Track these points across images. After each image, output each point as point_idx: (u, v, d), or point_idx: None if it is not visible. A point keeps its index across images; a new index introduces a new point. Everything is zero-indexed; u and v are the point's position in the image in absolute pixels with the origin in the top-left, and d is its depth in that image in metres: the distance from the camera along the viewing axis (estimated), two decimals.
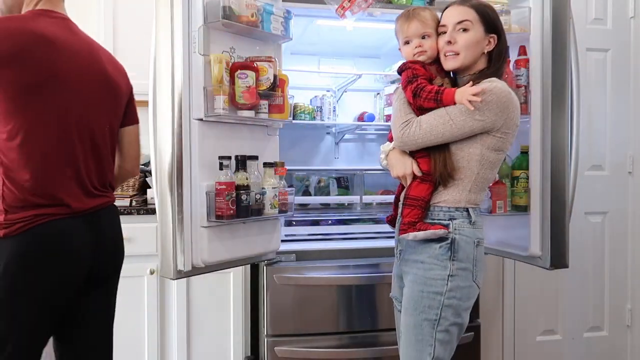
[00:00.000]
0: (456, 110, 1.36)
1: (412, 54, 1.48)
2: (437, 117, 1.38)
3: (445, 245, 1.40)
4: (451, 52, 1.43)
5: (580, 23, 2.62)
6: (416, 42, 1.47)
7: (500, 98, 1.35)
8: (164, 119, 1.57)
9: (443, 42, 1.45)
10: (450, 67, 1.45)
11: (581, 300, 2.75)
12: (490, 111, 1.34)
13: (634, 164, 2.78)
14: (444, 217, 1.42)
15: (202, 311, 2.28)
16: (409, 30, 1.47)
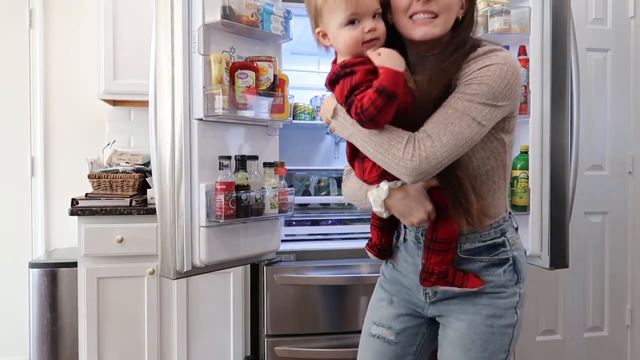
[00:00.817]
0: (471, 104, 1.00)
1: (360, 43, 1.04)
2: (453, 120, 0.99)
3: (509, 269, 1.12)
4: (428, 14, 1.03)
5: (580, 23, 2.62)
6: (369, 23, 1.03)
7: (518, 73, 1.04)
8: (164, 119, 1.57)
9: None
10: (426, 35, 1.04)
11: (581, 300, 2.75)
12: (512, 92, 1.03)
13: (634, 164, 2.78)
14: (495, 235, 1.12)
15: (202, 311, 2.28)
16: (358, 3, 1.02)
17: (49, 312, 2.38)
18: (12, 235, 2.75)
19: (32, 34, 2.76)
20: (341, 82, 1.03)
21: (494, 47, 1.08)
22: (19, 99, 2.76)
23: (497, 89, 1.01)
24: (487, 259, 1.12)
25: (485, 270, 1.12)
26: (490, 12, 1.78)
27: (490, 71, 1.01)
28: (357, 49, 1.05)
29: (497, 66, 1.02)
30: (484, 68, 1.02)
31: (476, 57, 1.04)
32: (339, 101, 1.06)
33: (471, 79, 1.01)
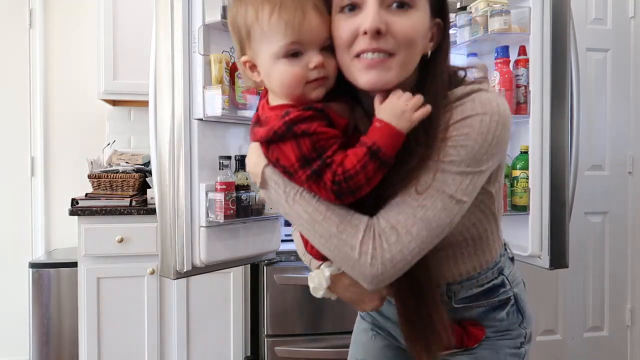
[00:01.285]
0: (446, 176, 0.77)
1: (302, 82, 0.79)
2: (424, 201, 0.77)
3: (511, 309, 0.98)
4: (379, 53, 0.77)
5: (580, 23, 2.62)
6: (315, 57, 0.79)
7: (504, 122, 0.80)
8: (164, 119, 1.57)
9: (361, 28, 0.76)
10: (375, 84, 0.78)
11: (581, 300, 2.75)
12: (499, 148, 0.80)
13: (634, 164, 2.78)
14: (493, 276, 0.96)
15: (202, 311, 2.28)
16: (303, 29, 0.77)
17: (49, 312, 2.38)
18: (12, 235, 2.75)
19: (32, 34, 2.76)
20: (290, 143, 0.77)
21: (472, 88, 0.81)
22: (19, 99, 2.76)
23: (479, 150, 0.77)
24: (486, 302, 0.96)
25: (485, 315, 0.96)
26: (490, 12, 1.78)
27: (468, 126, 0.77)
28: (297, 89, 0.80)
29: (477, 118, 0.77)
30: (460, 122, 0.77)
31: (451, 104, 0.80)
32: (283, 164, 0.79)
33: (444, 138, 0.77)
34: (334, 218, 0.79)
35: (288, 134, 0.77)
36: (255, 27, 0.80)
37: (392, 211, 0.78)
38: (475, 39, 1.84)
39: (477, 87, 0.82)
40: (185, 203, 1.57)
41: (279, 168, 0.82)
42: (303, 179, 0.78)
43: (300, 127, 0.76)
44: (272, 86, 0.84)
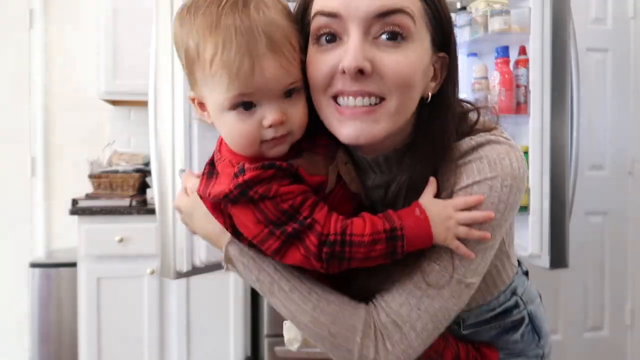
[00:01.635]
0: (447, 254, 0.67)
1: (256, 142, 0.65)
2: (429, 290, 0.67)
3: (526, 330, 0.89)
4: (362, 98, 0.63)
5: (580, 23, 2.62)
6: (272, 111, 0.63)
7: (519, 183, 0.68)
8: (164, 119, 1.57)
9: (339, 66, 0.63)
10: (358, 138, 0.65)
11: (581, 300, 2.75)
12: (513, 210, 0.69)
13: (634, 164, 2.78)
14: (505, 299, 0.88)
15: (202, 311, 2.28)
16: (251, 80, 0.61)
17: (49, 312, 2.38)
18: (12, 235, 2.75)
19: (32, 34, 2.76)
20: (246, 209, 0.64)
21: (479, 141, 0.69)
22: (19, 99, 2.76)
23: (488, 222, 0.67)
24: (499, 324, 0.88)
25: (497, 338, 0.88)
26: (490, 12, 1.78)
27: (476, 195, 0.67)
28: (249, 149, 0.66)
29: (486, 185, 0.66)
30: (466, 190, 0.67)
31: (456, 161, 0.68)
32: (244, 234, 0.67)
33: None
34: (324, 319, 0.67)
35: (242, 199, 0.63)
36: (197, 64, 0.63)
37: (394, 301, 0.67)
38: (475, 39, 1.85)
39: (485, 138, 0.69)
40: None
41: (242, 237, 0.69)
42: (274, 248, 0.64)
43: (257, 190, 0.62)
44: (224, 136, 0.69)
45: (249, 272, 0.71)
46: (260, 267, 0.70)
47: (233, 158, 0.68)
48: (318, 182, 0.67)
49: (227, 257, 0.73)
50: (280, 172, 0.64)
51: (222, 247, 0.73)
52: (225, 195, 0.64)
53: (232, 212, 0.67)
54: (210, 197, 0.67)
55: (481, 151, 0.68)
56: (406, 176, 0.69)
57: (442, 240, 0.65)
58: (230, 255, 0.72)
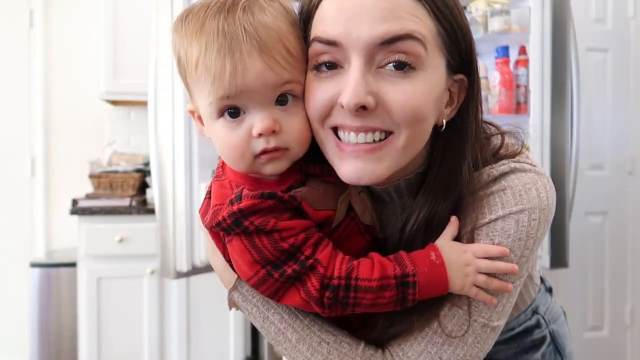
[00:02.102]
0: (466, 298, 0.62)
1: (248, 156, 0.59)
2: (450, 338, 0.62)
3: (548, 350, 0.83)
4: (364, 134, 0.58)
5: (580, 23, 2.62)
6: (262, 118, 0.58)
7: (548, 216, 0.63)
8: (164, 119, 1.57)
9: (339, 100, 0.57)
10: (360, 179, 0.59)
11: (581, 300, 2.75)
12: (538, 245, 0.63)
13: (634, 164, 2.78)
14: (526, 318, 0.82)
15: (202, 311, 2.28)
16: (237, 80, 0.56)
17: (48, 312, 2.38)
18: (12, 235, 2.75)
19: (32, 34, 2.76)
20: (240, 242, 0.58)
21: (503, 169, 0.63)
22: (19, 99, 2.76)
23: (518, 261, 0.61)
24: (517, 344, 0.82)
25: (516, 357, 0.82)
26: (490, 12, 1.78)
27: (501, 233, 0.61)
28: (241, 164, 0.59)
29: (512, 220, 0.60)
30: (489, 226, 0.61)
31: (478, 194, 0.62)
32: (245, 272, 0.60)
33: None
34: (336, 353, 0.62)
35: (236, 230, 0.57)
36: (187, 70, 0.59)
37: (411, 349, 0.62)
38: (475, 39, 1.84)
39: (509, 166, 0.62)
40: (185, 203, 1.57)
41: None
42: (272, 291, 0.59)
43: (252, 221, 0.56)
44: (219, 154, 0.63)
45: (253, 319, 0.66)
46: (265, 316, 0.65)
47: (234, 179, 0.62)
48: (323, 218, 0.61)
49: (231, 302, 0.68)
50: (281, 204, 0.57)
51: (226, 289, 0.68)
52: (217, 223, 0.58)
53: (227, 245, 0.61)
54: (205, 222, 0.62)
55: (504, 181, 0.61)
56: (424, 213, 0.62)
57: (458, 289, 0.59)
58: (234, 301, 0.68)
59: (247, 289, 0.66)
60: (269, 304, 0.65)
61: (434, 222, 0.62)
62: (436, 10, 0.57)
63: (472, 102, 0.63)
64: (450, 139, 0.62)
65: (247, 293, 0.66)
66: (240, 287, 0.66)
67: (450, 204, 0.62)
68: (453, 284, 0.59)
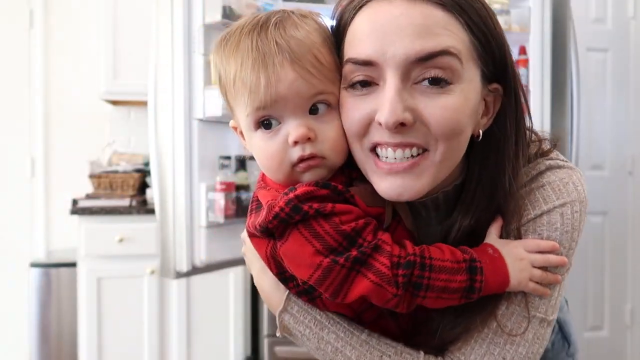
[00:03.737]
0: (533, 296, 0.63)
1: (286, 165, 0.60)
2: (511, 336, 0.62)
3: (556, 338, 0.85)
4: (403, 150, 0.58)
5: (580, 23, 2.62)
6: (297, 126, 0.59)
7: (586, 205, 0.65)
8: (164, 119, 1.57)
9: (376, 118, 0.57)
10: (401, 196, 0.59)
11: (581, 300, 2.75)
12: (580, 236, 0.65)
13: (634, 164, 2.78)
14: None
15: (202, 311, 2.28)
16: (270, 90, 0.57)
17: (48, 312, 2.38)
18: (12, 235, 2.75)
19: (32, 34, 2.76)
20: (299, 233, 0.57)
21: (540, 168, 0.65)
22: (19, 99, 2.76)
23: (565, 252, 0.63)
24: None
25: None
26: None
27: (548, 226, 0.62)
28: (279, 174, 0.61)
29: (557, 214, 0.62)
30: (535, 222, 0.63)
31: (518, 193, 0.64)
32: (307, 267, 0.57)
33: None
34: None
35: (295, 218, 0.56)
36: (227, 88, 0.62)
37: (473, 354, 0.62)
38: None
39: (545, 164, 0.65)
40: (185, 203, 1.57)
41: (291, 285, 0.63)
42: (337, 283, 0.56)
43: (312, 205, 0.56)
44: (259, 166, 0.65)
45: (307, 340, 0.65)
46: (319, 336, 0.64)
47: (280, 187, 0.61)
48: (376, 214, 0.60)
49: (282, 326, 0.66)
50: (336, 194, 0.58)
51: (276, 313, 0.66)
52: (275, 215, 0.57)
53: (282, 253, 0.59)
54: (258, 228, 0.60)
55: (541, 179, 0.64)
56: (467, 222, 0.62)
57: (516, 283, 0.59)
58: (285, 324, 0.66)
59: (297, 309, 0.65)
60: (322, 324, 0.64)
61: (477, 230, 0.63)
62: (470, 22, 0.57)
63: (509, 110, 0.62)
64: (487, 149, 0.62)
65: (298, 314, 0.65)
66: (290, 308, 0.65)
67: (492, 209, 0.63)
68: (512, 278, 0.59)
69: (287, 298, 0.65)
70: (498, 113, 0.63)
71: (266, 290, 0.68)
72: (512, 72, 0.62)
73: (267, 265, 0.64)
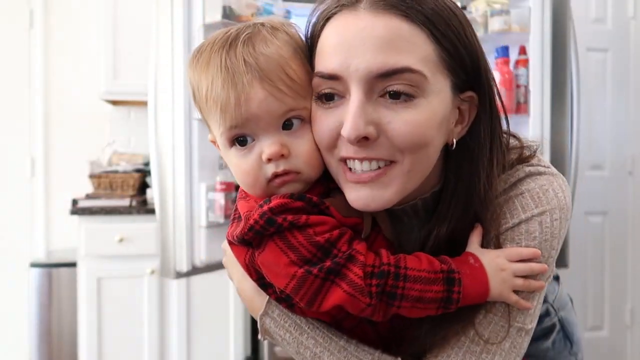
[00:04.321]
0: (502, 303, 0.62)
1: (261, 181, 0.61)
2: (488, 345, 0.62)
3: (557, 337, 0.86)
4: (371, 163, 0.58)
5: (580, 23, 2.62)
6: (270, 143, 0.59)
7: (568, 214, 0.64)
8: (164, 119, 1.57)
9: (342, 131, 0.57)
10: (368, 206, 0.59)
11: (581, 300, 2.75)
12: (560, 243, 0.65)
13: (634, 164, 2.78)
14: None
15: (202, 311, 2.28)
16: (240, 109, 0.58)
17: (49, 312, 2.38)
18: (12, 235, 2.75)
19: (32, 34, 2.76)
20: (274, 244, 0.57)
21: (519, 175, 0.64)
22: (19, 99, 2.76)
23: (544, 260, 0.63)
24: None
25: (527, 347, 0.79)
26: (490, 12, 1.78)
27: (526, 235, 0.62)
28: (256, 189, 0.62)
29: (535, 222, 0.62)
30: (513, 230, 0.62)
31: (497, 201, 0.63)
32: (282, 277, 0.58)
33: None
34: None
35: (269, 230, 0.57)
36: (201, 104, 0.62)
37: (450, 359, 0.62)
38: None
39: (524, 171, 0.64)
40: (185, 203, 1.57)
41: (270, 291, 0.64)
42: (311, 292, 0.56)
43: (286, 217, 0.56)
44: (237, 181, 0.66)
45: (287, 345, 0.65)
46: (298, 341, 0.64)
47: (258, 199, 0.62)
48: (353, 224, 0.61)
49: (263, 329, 0.67)
50: (310, 206, 0.58)
51: (257, 316, 0.67)
52: (250, 227, 0.57)
53: (259, 262, 0.60)
54: (235, 239, 0.61)
55: (521, 186, 0.63)
56: (444, 229, 0.62)
57: (497, 294, 0.59)
58: (266, 328, 0.66)
59: (278, 313, 0.66)
60: (302, 329, 0.64)
61: (457, 237, 0.63)
62: (437, 33, 0.56)
63: (483, 118, 0.62)
64: (461, 157, 0.62)
65: (278, 318, 0.66)
66: (271, 312, 0.66)
67: (469, 218, 0.62)
68: (492, 289, 0.59)
69: (268, 302, 0.66)
70: (473, 121, 0.62)
71: (248, 296, 0.69)
72: (486, 80, 0.61)
73: (247, 272, 0.65)
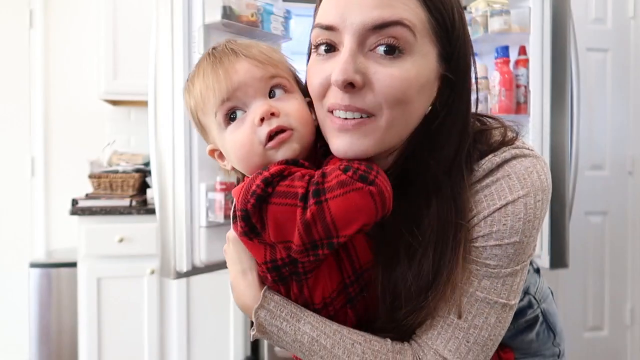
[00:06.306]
0: (495, 281, 0.65)
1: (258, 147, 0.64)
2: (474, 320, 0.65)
3: (541, 329, 0.88)
4: (353, 112, 0.61)
5: (580, 23, 2.62)
6: (260, 107, 0.64)
7: (549, 195, 0.67)
8: (164, 119, 1.57)
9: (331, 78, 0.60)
10: (347, 152, 0.62)
11: (581, 300, 2.75)
12: (541, 224, 0.67)
13: (634, 164, 2.79)
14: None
15: (202, 311, 2.28)
16: (228, 82, 0.65)
17: (49, 312, 2.38)
18: (12, 235, 2.75)
19: (32, 34, 2.76)
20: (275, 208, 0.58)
21: (505, 156, 0.66)
22: (19, 99, 2.76)
23: (528, 241, 0.66)
24: (512, 325, 0.84)
25: (512, 338, 0.86)
26: (490, 12, 1.78)
27: (512, 217, 0.64)
28: (254, 158, 0.64)
29: (520, 203, 0.64)
30: (498, 212, 0.64)
31: (481, 182, 0.66)
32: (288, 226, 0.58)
33: (483, 236, 0.65)
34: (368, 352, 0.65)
35: (268, 191, 0.59)
36: (197, 109, 0.69)
37: (439, 337, 0.65)
38: (475, 39, 1.84)
39: (510, 153, 0.66)
40: (185, 203, 1.57)
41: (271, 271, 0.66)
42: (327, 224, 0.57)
43: (284, 184, 0.59)
44: (235, 164, 0.69)
45: (284, 334, 0.67)
46: (295, 328, 0.66)
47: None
48: None
49: (258, 324, 0.68)
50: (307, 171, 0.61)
51: (251, 312, 0.68)
52: (252, 192, 0.58)
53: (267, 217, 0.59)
54: (239, 211, 0.60)
55: (508, 167, 0.65)
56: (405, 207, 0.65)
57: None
58: (261, 322, 0.67)
59: (273, 305, 0.67)
60: (298, 315, 0.67)
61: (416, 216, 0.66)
62: (428, 1, 0.61)
63: (455, 101, 0.65)
64: (427, 136, 0.66)
65: (274, 309, 0.67)
66: (267, 304, 0.67)
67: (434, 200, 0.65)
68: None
69: (263, 295, 0.68)
70: (448, 102, 0.65)
71: (242, 291, 0.70)
72: (463, 63, 0.65)
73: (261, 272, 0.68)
